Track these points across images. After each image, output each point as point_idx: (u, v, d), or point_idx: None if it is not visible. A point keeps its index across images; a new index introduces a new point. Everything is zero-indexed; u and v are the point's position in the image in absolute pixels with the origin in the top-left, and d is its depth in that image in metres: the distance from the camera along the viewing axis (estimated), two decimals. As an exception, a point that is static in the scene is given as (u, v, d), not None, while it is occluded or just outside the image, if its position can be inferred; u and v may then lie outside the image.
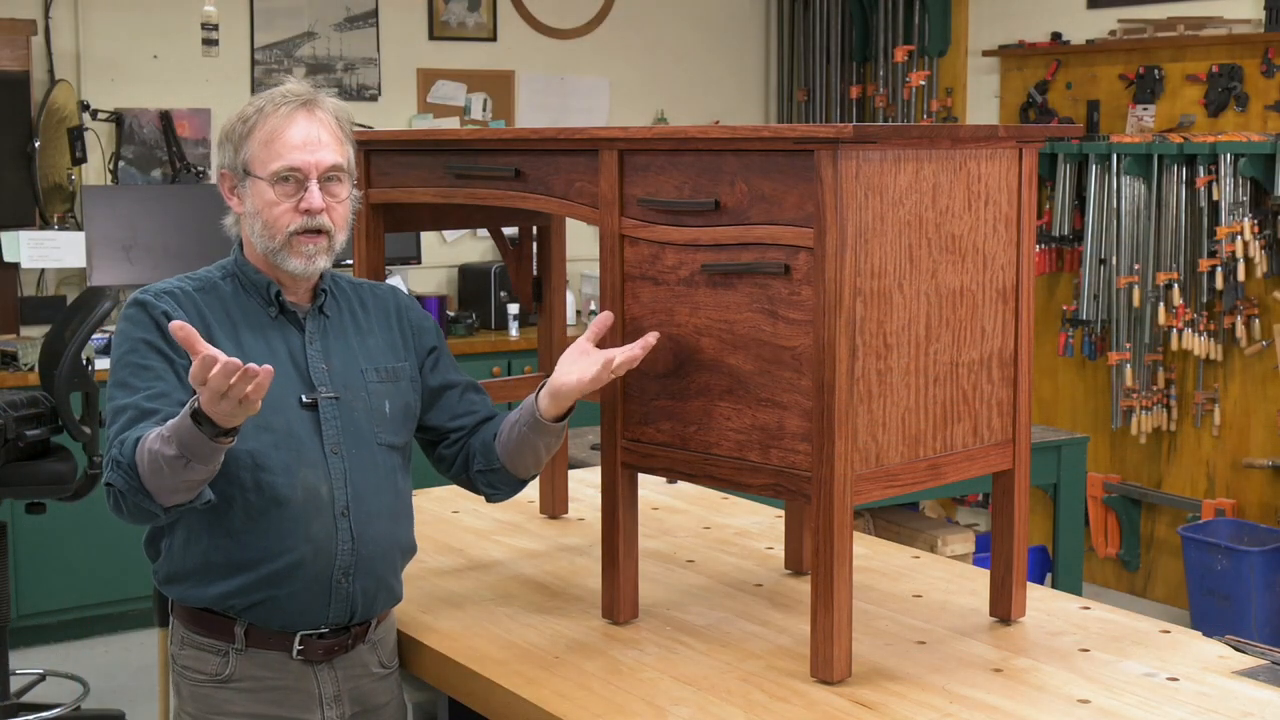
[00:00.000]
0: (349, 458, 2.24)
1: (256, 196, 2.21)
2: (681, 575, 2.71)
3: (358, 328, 2.34)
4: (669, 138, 2.24)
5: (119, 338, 2.19)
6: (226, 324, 2.21)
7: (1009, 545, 2.42)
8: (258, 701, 2.24)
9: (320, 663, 2.26)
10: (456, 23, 6.50)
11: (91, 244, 5.49)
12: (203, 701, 2.26)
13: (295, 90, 2.24)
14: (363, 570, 2.24)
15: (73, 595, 5.24)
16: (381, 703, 2.36)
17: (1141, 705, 2.08)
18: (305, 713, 2.26)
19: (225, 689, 2.24)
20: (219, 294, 2.25)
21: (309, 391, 2.23)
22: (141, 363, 2.15)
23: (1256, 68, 5.42)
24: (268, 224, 2.21)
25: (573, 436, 4.24)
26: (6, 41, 5.32)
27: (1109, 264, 5.73)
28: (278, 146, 2.19)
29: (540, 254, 3.07)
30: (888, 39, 6.70)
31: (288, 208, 2.20)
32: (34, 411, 4.04)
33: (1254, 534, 5.30)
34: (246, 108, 2.25)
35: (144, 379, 2.14)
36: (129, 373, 2.15)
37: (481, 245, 6.60)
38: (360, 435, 2.26)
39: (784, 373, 2.14)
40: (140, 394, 2.12)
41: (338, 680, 2.29)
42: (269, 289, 2.25)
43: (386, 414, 2.30)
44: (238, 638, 2.23)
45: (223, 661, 2.23)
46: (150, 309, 2.17)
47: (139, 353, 2.15)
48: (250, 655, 2.23)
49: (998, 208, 2.29)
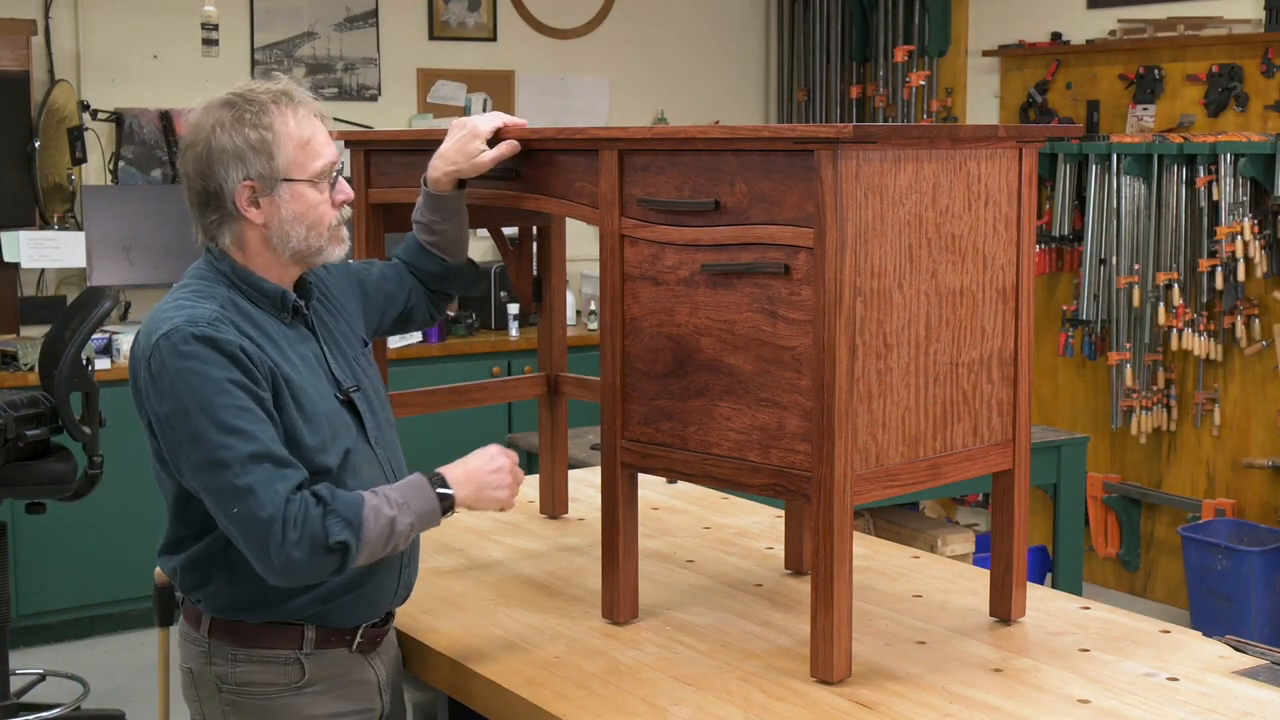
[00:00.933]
0: (384, 445, 2.29)
1: (297, 200, 2.17)
2: (681, 575, 2.71)
3: (332, 313, 2.34)
4: (669, 138, 2.24)
5: (196, 379, 2.05)
6: (267, 340, 2.16)
7: (1009, 545, 2.42)
8: (335, 700, 2.24)
9: (370, 651, 2.29)
10: (456, 23, 6.50)
11: (91, 244, 5.49)
12: (279, 713, 2.21)
13: (284, 90, 2.22)
14: (413, 550, 2.31)
15: (73, 595, 5.24)
16: (400, 686, 2.41)
17: (1141, 705, 2.08)
18: (370, 702, 2.29)
19: (303, 694, 2.21)
20: (240, 309, 2.17)
21: (338, 389, 2.24)
22: (239, 404, 2.05)
23: (1256, 68, 5.42)
24: (314, 223, 2.20)
25: (572, 436, 4.24)
26: (6, 41, 5.32)
27: (1109, 264, 5.73)
28: (314, 147, 2.20)
29: (540, 254, 3.07)
30: (888, 39, 6.70)
31: (328, 204, 2.22)
32: (34, 411, 4.04)
33: (1254, 534, 5.30)
34: (245, 113, 2.17)
35: (253, 421, 2.06)
36: (231, 415, 2.04)
37: (481, 245, 6.59)
38: (380, 421, 2.30)
39: (784, 373, 2.14)
40: (262, 439, 2.05)
41: (384, 665, 2.32)
42: (284, 298, 2.22)
43: (384, 393, 2.36)
44: (307, 641, 2.21)
45: (295, 669, 2.21)
46: (220, 345, 2.07)
47: (230, 394, 2.05)
48: (319, 656, 2.22)
49: (998, 208, 2.29)
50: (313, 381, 2.19)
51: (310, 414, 2.14)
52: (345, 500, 2.08)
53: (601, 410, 2.39)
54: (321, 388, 2.20)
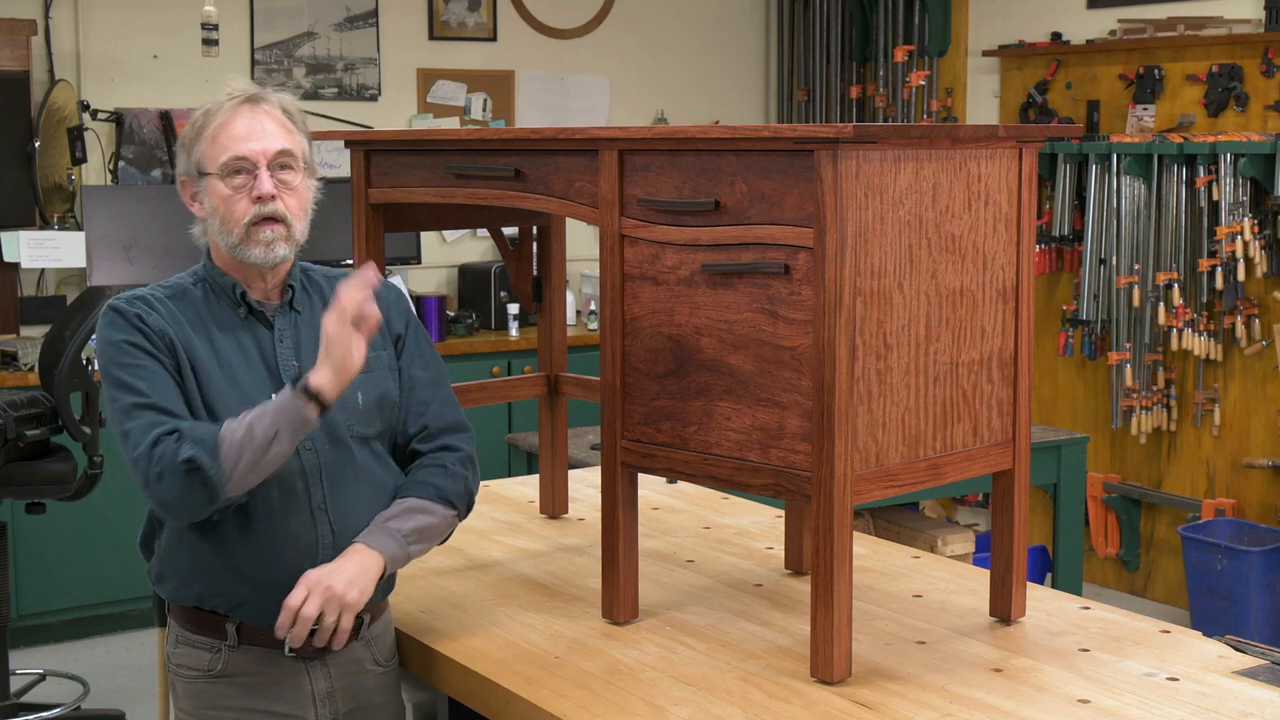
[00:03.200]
0: (322, 452, 2.26)
1: (213, 194, 2.25)
2: (681, 575, 2.71)
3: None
4: (669, 138, 2.24)
5: (101, 345, 2.23)
6: (199, 326, 2.26)
7: (1009, 545, 2.42)
8: (250, 696, 2.26)
9: (312, 659, 2.27)
10: (456, 23, 6.50)
11: (91, 244, 5.49)
12: (198, 697, 2.28)
13: (240, 88, 2.28)
14: None
15: (73, 595, 5.24)
16: (378, 701, 2.37)
17: (1141, 705, 2.08)
18: (297, 708, 2.27)
19: (219, 684, 2.27)
20: (190, 299, 2.29)
21: (279, 389, 2.23)
22: (133, 362, 2.19)
23: (1256, 68, 5.42)
24: (225, 219, 2.24)
25: (572, 436, 4.24)
26: (6, 41, 5.32)
27: (1109, 264, 5.73)
28: (224, 140, 2.23)
29: (540, 254, 3.07)
30: (888, 39, 6.70)
31: (242, 199, 2.23)
32: (34, 411, 4.04)
33: (1254, 534, 5.30)
34: (195, 113, 2.29)
35: (142, 376, 2.18)
36: (125, 372, 2.19)
37: (481, 245, 6.59)
38: (332, 428, 2.27)
39: (784, 373, 2.14)
40: (147, 392, 2.17)
41: (330, 677, 2.29)
42: (234, 290, 2.29)
43: (359, 405, 2.31)
44: (229, 634, 2.25)
45: (215, 657, 2.26)
46: (125, 314, 2.22)
47: (127, 353, 2.19)
48: (242, 651, 2.26)
49: (998, 208, 2.29)
50: (235, 374, 2.24)
51: (209, 393, 2.22)
52: (202, 428, 2.14)
53: (601, 410, 2.39)
54: (245, 380, 2.24)
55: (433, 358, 2.45)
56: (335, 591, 2.16)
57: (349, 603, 2.16)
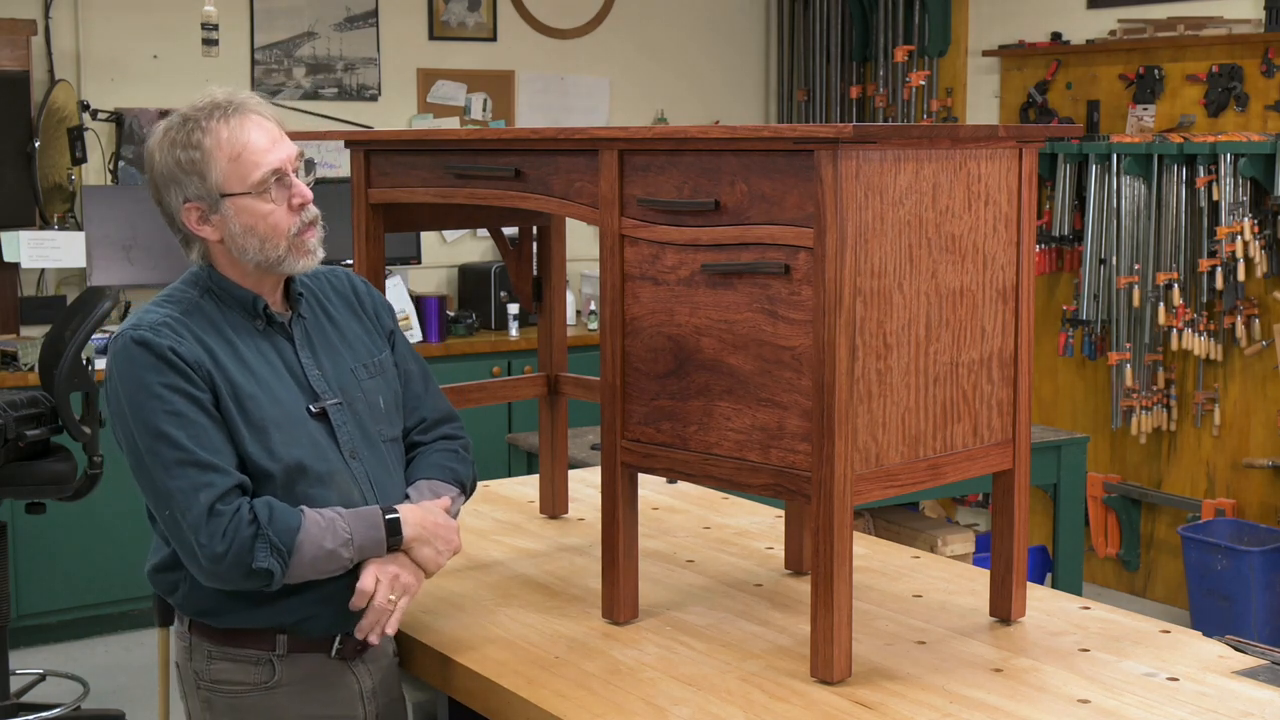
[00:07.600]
0: (365, 460, 2.27)
1: (244, 214, 2.17)
2: (681, 575, 2.71)
3: (333, 323, 2.34)
4: (669, 138, 2.24)
5: (132, 386, 2.10)
6: (223, 344, 2.18)
7: (1009, 545, 2.42)
8: (308, 703, 2.24)
9: (353, 659, 2.28)
10: (456, 23, 6.50)
11: (91, 244, 5.49)
12: (249, 711, 2.23)
13: (219, 101, 2.19)
14: None
15: (73, 595, 5.24)
16: (399, 693, 2.40)
17: (1141, 705, 2.08)
18: (349, 709, 2.27)
19: (275, 694, 2.22)
20: (205, 314, 2.20)
21: (314, 401, 2.24)
22: (171, 409, 2.08)
23: (1256, 68, 5.42)
24: (267, 235, 2.18)
25: (572, 436, 4.24)
26: (6, 41, 5.32)
27: (1109, 264, 5.73)
28: (250, 156, 2.16)
29: (540, 254, 3.07)
30: (888, 39, 6.70)
31: (282, 210, 2.19)
32: (34, 411, 4.04)
33: (1254, 534, 5.30)
34: (176, 135, 2.18)
35: (183, 426, 2.08)
36: (164, 422, 2.08)
37: (481, 245, 6.60)
38: (368, 435, 2.28)
39: (784, 373, 2.14)
40: (191, 446, 2.08)
41: (370, 673, 2.30)
42: (255, 303, 2.23)
43: (382, 409, 2.33)
44: (280, 645, 2.22)
45: (267, 669, 2.22)
46: (154, 348, 2.10)
47: (164, 400, 2.08)
48: (292, 660, 2.23)
49: (998, 208, 2.29)
50: (272, 388, 2.19)
51: (255, 419, 2.14)
52: (282, 523, 2.09)
53: (601, 410, 2.39)
54: (283, 394, 2.19)
55: (414, 350, 2.49)
56: (402, 580, 2.21)
57: (409, 585, 2.23)
